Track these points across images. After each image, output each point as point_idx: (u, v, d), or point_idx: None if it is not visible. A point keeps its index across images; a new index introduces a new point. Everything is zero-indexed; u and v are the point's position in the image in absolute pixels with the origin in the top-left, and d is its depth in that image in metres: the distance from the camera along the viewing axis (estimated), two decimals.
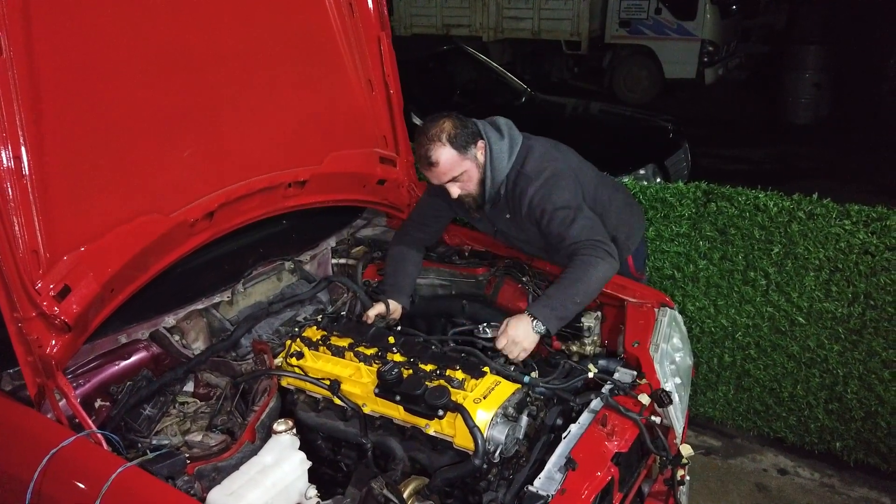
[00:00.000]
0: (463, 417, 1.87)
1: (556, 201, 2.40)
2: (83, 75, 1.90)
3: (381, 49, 2.73)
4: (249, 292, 2.65)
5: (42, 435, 1.79)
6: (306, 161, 2.58)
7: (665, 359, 2.34)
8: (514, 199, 2.48)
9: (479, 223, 2.78)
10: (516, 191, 2.46)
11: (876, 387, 3.11)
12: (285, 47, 2.48)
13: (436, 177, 2.39)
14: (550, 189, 2.41)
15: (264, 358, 2.28)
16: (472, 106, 5.93)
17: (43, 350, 1.77)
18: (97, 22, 1.93)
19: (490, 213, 2.60)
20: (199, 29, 2.20)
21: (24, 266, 1.69)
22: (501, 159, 2.44)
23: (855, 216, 2.94)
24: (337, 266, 3.00)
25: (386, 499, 1.79)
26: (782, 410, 3.43)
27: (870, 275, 2.96)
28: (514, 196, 2.47)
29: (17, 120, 1.68)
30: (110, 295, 2.00)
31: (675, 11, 10.00)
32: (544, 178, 2.42)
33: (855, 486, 3.31)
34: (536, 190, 2.41)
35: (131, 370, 2.23)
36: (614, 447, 1.93)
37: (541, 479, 1.81)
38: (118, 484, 1.62)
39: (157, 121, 2.11)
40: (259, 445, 1.85)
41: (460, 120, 2.39)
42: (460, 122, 2.38)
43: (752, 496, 3.30)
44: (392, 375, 2.00)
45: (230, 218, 2.40)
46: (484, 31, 11.05)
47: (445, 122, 2.36)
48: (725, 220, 3.21)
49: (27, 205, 1.72)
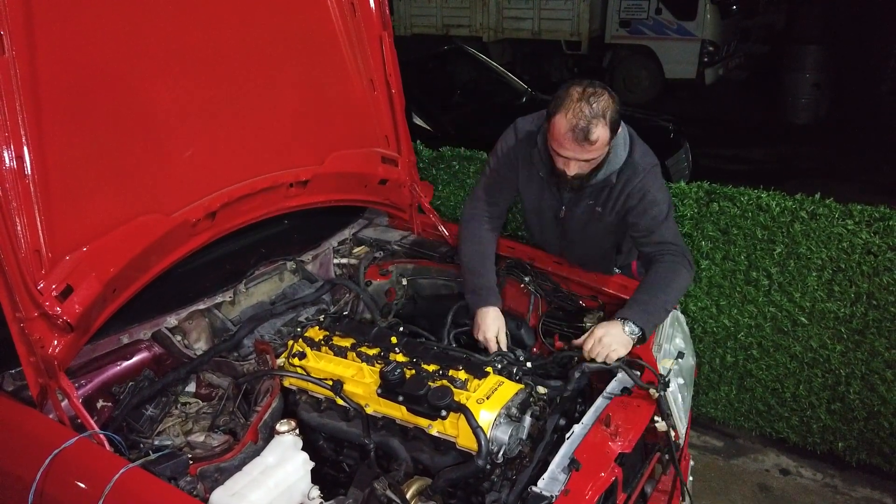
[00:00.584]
0: (466, 418, 1.87)
1: (656, 194, 2.36)
2: (85, 75, 1.90)
3: (382, 49, 2.73)
4: (251, 292, 2.64)
5: (44, 435, 1.79)
6: (308, 161, 2.58)
7: (668, 359, 2.33)
8: (614, 188, 2.39)
9: (540, 203, 2.59)
10: (621, 178, 2.37)
11: (878, 387, 3.11)
12: (287, 47, 2.48)
13: (576, 150, 2.16)
14: (653, 181, 2.37)
15: (266, 358, 2.27)
16: (472, 106, 5.94)
17: (45, 350, 1.76)
18: (99, 21, 1.92)
19: (571, 196, 2.48)
20: (201, 29, 2.20)
21: (27, 266, 1.69)
22: (619, 146, 2.33)
23: (857, 216, 2.94)
24: (339, 266, 3.00)
25: (388, 499, 1.79)
26: (784, 411, 3.42)
27: (872, 275, 2.96)
28: (617, 184, 2.38)
29: (19, 119, 1.68)
30: (112, 295, 2.00)
31: (675, 11, 9.99)
32: (650, 169, 2.37)
33: (857, 487, 3.31)
34: (641, 179, 2.35)
35: (133, 370, 2.23)
36: (618, 447, 1.92)
37: (544, 480, 1.81)
38: (120, 485, 1.62)
39: (159, 120, 2.11)
40: (262, 446, 1.84)
41: (610, 92, 2.18)
42: (617, 100, 2.19)
43: (754, 496, 3.29)
44: (395, 376, 1.99)
45: (232, 218, 2.40)
46: (484, 32, 11.04)
47: (607, 96, 2.15)
48: (728, 220, 3.21)
49: (29, 204, 1.71)
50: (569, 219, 2.56)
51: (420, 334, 2.50)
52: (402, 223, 3.16)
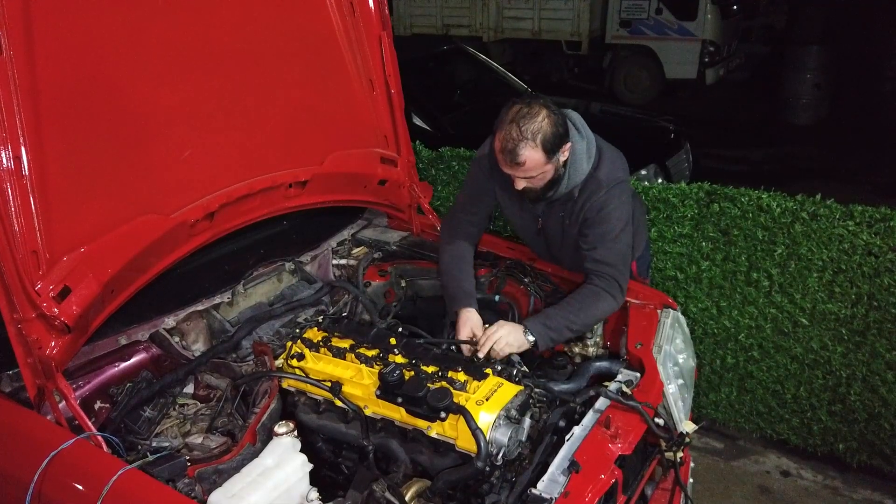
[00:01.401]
0: (465, 419, 1.86)
1: (611, 211, 2.33)
2: (83, 75, 1.89)
3: (382, 49, 2.72)
4: (250, 293, 2.64)
5: (42, 437, 1.78)
6: (307, 161, 2.57)
7: (668, 360, 2.33)
8: (576, 202, 2.38)
9: (520, 217, 2.60)
10: (584, 193, 2.35)
11: (879, 388, 3.10)
12: (286, 47, 2.47)
13: (510, 169, 2.22)
14: (613, 198, 2.33)
15: (265, 359, 2.27)
16: (472, 106, 5.93)
17: (43, 351, 1.76)
18: (97, 21, 1.92)
19: (544, 209, 2.48)
20: (200, 29, 2.19)
21: (24, 267, 1.69)
22: (581, 161, 2.31)
23: (858, 217, 2.93)
24: (337, 267, 2.99)
25: (387, 501, 1.78)
26: (785, 412, 3.42)
27: (873, 276, 2.95)
28: (579, 198, 2.37)
29: (16, 120, 1.67)
30: (110, 296, 1.99)
31: (675, 12, 9.99)
32: (613, 185, 2.33)
33: (858, 488, 3.30)
34: (602, 195, 2.32)
35: (131, 372, 2.22)
36: (618, 449, 1.91)
37: (544, 482, 1.80)
38: (118, 486, 1.62)
39: (158, 120, 2.11)
40: (260, 447, 1.84)
41: (556, 116, 2.18)
42: (556, 121, 2.18)
43: (754, 498, 3.28)
44: (393, 377, 1.99)
45: (231, 218, 2.39)
46: (484, 32, 11.04)
47: (544, 119, 2.15)
48: (728, 221, 3.20)
49: (27, 205, 1.71)
50: (547, 230, 2.57)
51: (420, 335, 2.50)
52: (402, 224, 3.15)
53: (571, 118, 2.34)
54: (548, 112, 2.16)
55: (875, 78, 9.50)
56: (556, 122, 2.17)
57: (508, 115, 2.18)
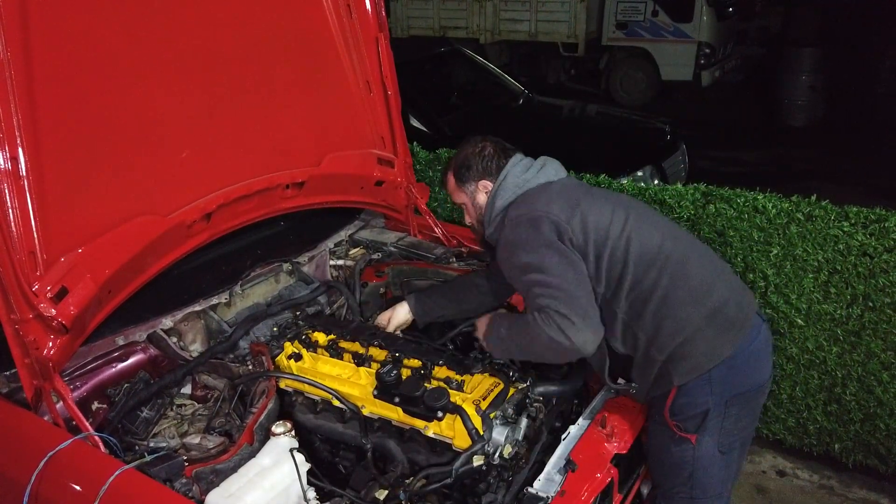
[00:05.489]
0: (462, 419, 1.87)
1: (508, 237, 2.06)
2: (80, 76, 1.90)
3: (379, 50, 2.73)
4: (247, 294, 2.64)
5: (39, 437, 1.79)
6: (304, 162, 2.58)
7: None
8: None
9: None
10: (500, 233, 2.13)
11: (875, 388, 3.11)
12: (283, 48, 2.48)
13: None
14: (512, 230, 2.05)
15: (262, 360, 2.27)
16: (469, 108, 5.95)
17: (40, 352, 1.76)
18: (94, 22, 1.92)
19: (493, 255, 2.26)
20: (196, 30, 2.20)
21: (21, 267, 1.69)
22: (496, 199, 2.15)
23: (853, 218, 2.94)
24: (335, 268, 3.00)
25: (385, 501, 1.78)
26: (781, 412, 3.42)
27: (868, 276, 2.96)
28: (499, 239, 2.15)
29: (14, 120, 1.68)
30: (108, 296, 1.99)
31: (671, 14, 10.01)
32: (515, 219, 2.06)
33: (854, 488, 3.31)
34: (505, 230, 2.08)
35: (128, 372, 2.22)
36: (614, 448, 1.92)
37: (540, 481, 1.81)
38: (116, 487, 1.62)
39: (155, 122, 2.11)
40: (257, 447, 1.84)
41: (487, 153, 2.17)
42: (483, 156, 2.17)
43: (751, 498, 3.29)
44: (391, 377, 1.99)
45: (228, 219, 2.39)
46: (481, 33, 11.04)
47: (469, 149, 2.22)
48: (724, 222, 3.21)
49: (24, 206, 1.71)
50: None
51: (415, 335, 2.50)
52: (399, 225, 3.15)
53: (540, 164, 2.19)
54: (482, 149, 2.21)
55: (870, 80, 9.54)
56: (483, 159, 2.19)
57: None
